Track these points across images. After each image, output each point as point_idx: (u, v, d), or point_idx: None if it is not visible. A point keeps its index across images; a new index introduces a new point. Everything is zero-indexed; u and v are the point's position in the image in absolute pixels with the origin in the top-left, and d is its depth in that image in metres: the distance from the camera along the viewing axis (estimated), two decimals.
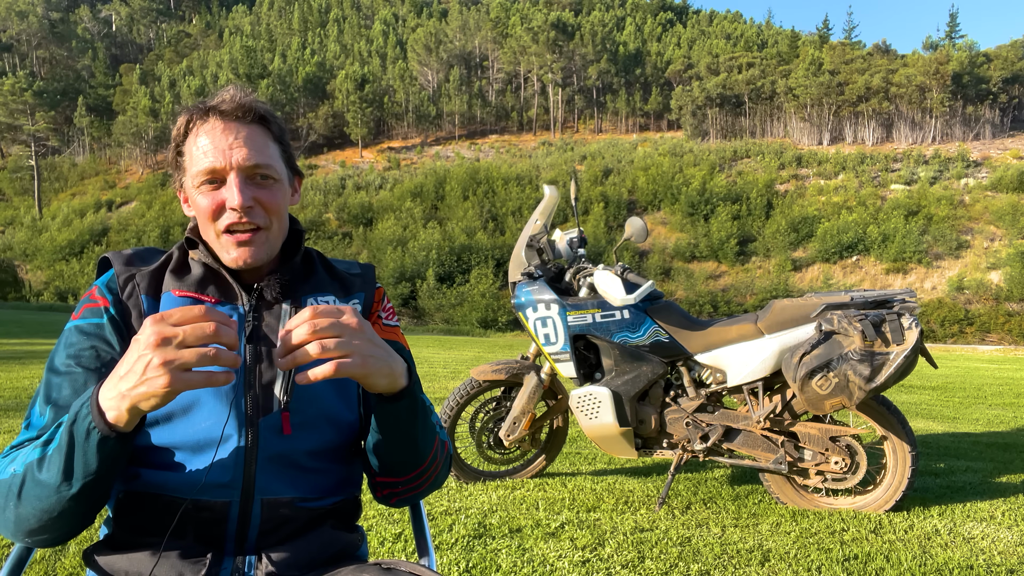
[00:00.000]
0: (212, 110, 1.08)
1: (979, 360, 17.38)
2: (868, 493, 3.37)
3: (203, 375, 0.81)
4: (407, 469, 1.11)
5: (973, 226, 40.10)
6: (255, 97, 1.11)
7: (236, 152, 1.06)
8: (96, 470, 0.87)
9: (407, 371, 1.01)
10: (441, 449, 1.15)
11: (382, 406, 1.01)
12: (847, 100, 54.32)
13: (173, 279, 1.10)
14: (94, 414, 0.85)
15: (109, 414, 0.84)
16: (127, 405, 0.82)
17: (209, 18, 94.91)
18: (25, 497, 0.91)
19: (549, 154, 56.41)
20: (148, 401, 0.81)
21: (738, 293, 37.38)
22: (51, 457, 0.88)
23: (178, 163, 1.12)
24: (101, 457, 0.86)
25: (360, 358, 0.89)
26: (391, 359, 0.96)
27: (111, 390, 0.84)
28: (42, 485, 0.89)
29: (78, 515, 0.93)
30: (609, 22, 77.59)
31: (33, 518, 0.92)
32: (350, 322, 0.89)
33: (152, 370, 0.79)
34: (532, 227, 3.64)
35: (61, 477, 0.87)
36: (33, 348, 10.85)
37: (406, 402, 1.00)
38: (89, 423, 0.85)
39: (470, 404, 3.78)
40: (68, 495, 0.89)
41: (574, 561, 2.62)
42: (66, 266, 41.74)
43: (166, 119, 62.42)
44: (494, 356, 13.23)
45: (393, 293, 34.25)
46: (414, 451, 1.08)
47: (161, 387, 0.79)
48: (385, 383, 0.95)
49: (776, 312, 3.29)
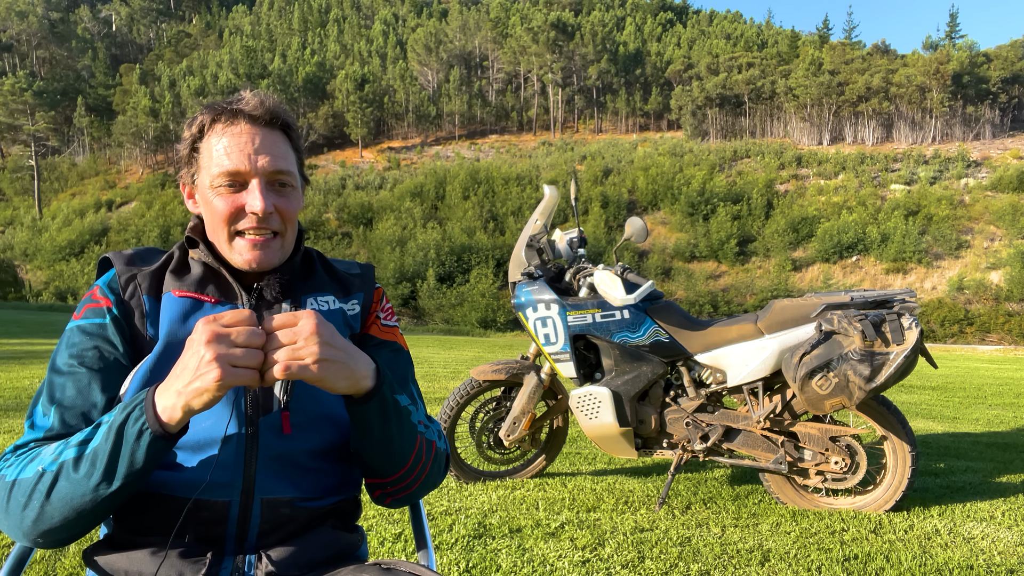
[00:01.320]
0: (240, 112, 1.07)
1: (979, 360, 17.38)
2: (868, 493, 3.37)
3: (251, 373, 0.86)
4: (389, 471, 1.11)
5: (973, 226, 40.11)
6: (280, 103, 1.11)
7: (261, 158, 1.06)
8: (140, 470, 0.90)
9: (375, 372, 1.00)
10: (427, 450, 1.13)
11: (350, 408, 1.01)
12: (847, 100, 54.32)
13: (173, 279, 1.10)
14: (149, 415, 0.88)
15: (164, 414, 0.88)
16: (182, 403, 0.86)
17: (209, 18, 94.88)
18: (56, 495, 0.91)
19: (549, 154, 56.41)
20: (201, 397, 0.85)
21: (738, 293, 37.38)
22: (90, 456, 0.90)
23: (191, 159, 1.11)
24: (148, 457, 0.89)
25: (312, 363, 0.89)
26: (352, 361, 0.95)
27: (167, 390, 0.88)
28: (77, 484, 0.90)
29: (102, 514, 0.94)
30: (609, 22, 77.57)
31: (58, 515, 0.92)
32: (304, 328, 0.90)
33: (205, 365, 0.84)
34: (532, 227, 3.64)
35: (101, 476, 0.89)
36: (33, 348, 10.85)
37: (374, 404, 1.00)
38: (143, 424, 0.88)
39: (470, 404, 3.78)
40: (105, 494, 0.90)
41: (574, 561, 2.62)
42: (66, 266, 41.73)
43: (166, 119, 62.42)
44: (494, 356, 13.23)
45: (393, 293, 34.25)
46: (391, 453, 1.08)
47: (213, 380, 0.84)
48: (345, 385, 0.95)
49: (776, 312, 3.29)
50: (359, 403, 0.99)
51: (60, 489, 0.91)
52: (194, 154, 1.10)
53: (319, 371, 0.90)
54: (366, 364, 0.99)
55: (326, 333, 0.92)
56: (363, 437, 1.05)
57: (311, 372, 0.89)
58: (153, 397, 0.89)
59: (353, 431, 1.06)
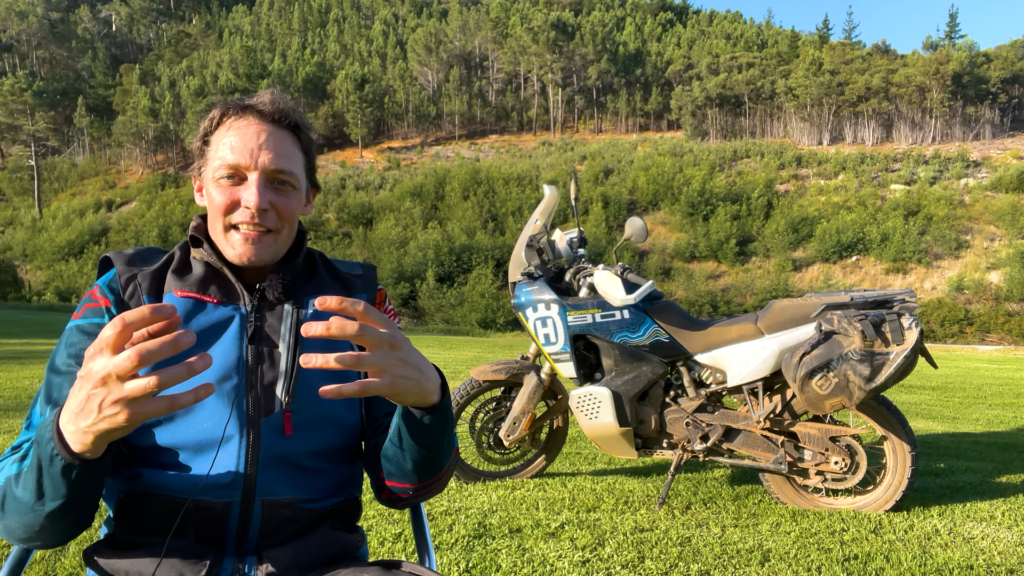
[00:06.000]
0: (250, 108, 1.08)
1: (979, 360, 17.38)
2: (868, 493, 3.37)
3: (165, 400, 0.74)
4: (424, 477, 1.09)
5: (973, 226, 40.12)
6: (293, 105, 1.12)
7: (263, 154, 1.06)
8: (66, 494, 0.84)
9: (440, 387, 0.98)
10: (456, 456, 1.15)
11: (409, 418, 0.99)
12: (847, 100, 54.33)
13: (175, 279, 1.10)
14: (55, 442, 0.80)
15: (73, 445, 0.80)
16: (90, 439, 0.78)
17: (209, 18, 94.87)
18: (7, 510, 0.90)
19: (549, 154, 56.42)
20: (115, 433, 0.77)
21: (738, 293, 37.38)
22: (25, 474, 0.86)
23: (202, 152, 1.11)
24: (68, 482, 0.83)
25: (389, 378, 0.85)
26: (423, 378, 0.92)
27: (69, 423, 0.78)
28: (19, 501, 0.88)
29: (62, 529, 0.91)
30: (609, 22, 77.59)
31: (19, 529, 0.91)
32: (392, 337, 0.85)
33: (108, 407, 0.74)
34: (532, 227, 3.64)
35: (35, 496, 0.85)
36: (33, 348, 10.84)
37: (436, 417, 0.99)
38: (52, 449, 0.81)
39: (470, 404, 3.78)
40: (44, 512, 0.87)
41: (574, 561, 2.62)
42: (66, 266, 41.72)
43: (166, 119, 62.44)
44: (494, 356, 13.23)
45: (393, 293, 34.24)
46: (435, 462, 1.07)
47: (122, 422, 0.74)
48: (412, 400, 0.93)
49: (776, 312, 3.29)
50: (420, 416, 0.97)
51: (9, 505, 0.90)
52: (204, 148, 1.11)
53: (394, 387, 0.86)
54: (433, 379, 0.95)
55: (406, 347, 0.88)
56: (411, 447, 1.03)
57: (385, 388, 0.86)
58: (57, 424, 0.80)
59: (400, 439, 1.03)
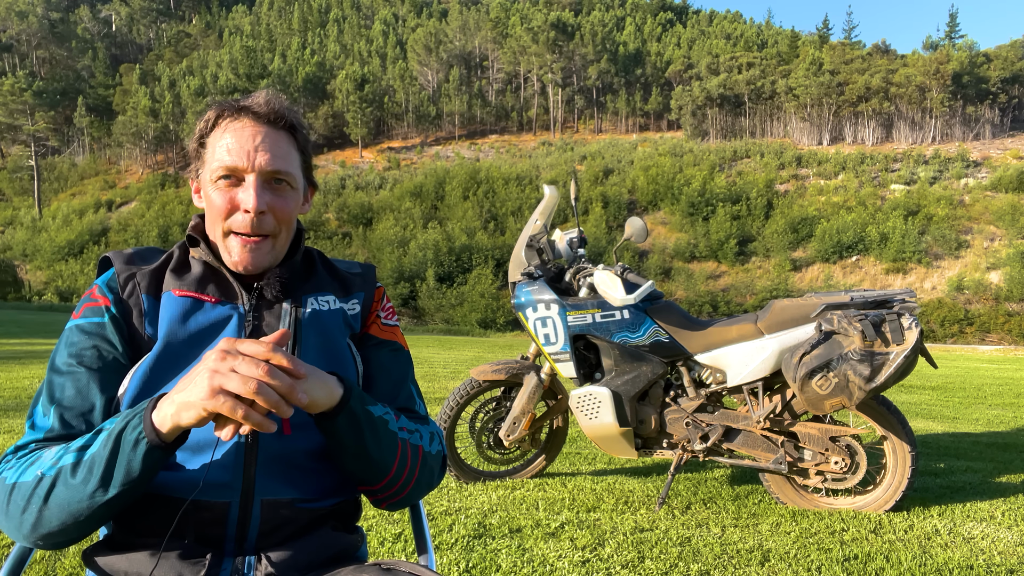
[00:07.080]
0: (245, 109, 1.08)
1: (979, 360, 17.38)
2: (868, 493, 3.36)
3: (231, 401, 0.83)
4: (374, 479, 1.09)
5: (973, 226, 40.12)
6: (289, 105, 1.12)
7: (260, 155, 1.06)
8: (136, 478, 0.90)
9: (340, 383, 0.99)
10: (413, 456, 1.11)
11: (320, 424, 1.00)
12: (847, 100, 54.33)
13: (173, 278, 1.10)
14: (147, 424, 0.88)
15: (159, 424, 0.88)
16: (172, 412, 0.87)
17: (209, 18, 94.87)
18: (53, 500, 0.91)
19: (549, 154, 56.42)
20: (188, 412, 0.85)
21: (738, 293, 37.38)
22: (88, 462, 0.90)
23: (199, 154, 1.11)
24: (145, 466, 0.89)
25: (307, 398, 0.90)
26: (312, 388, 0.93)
27: (167, 399, 0.88)
28: (74, 489, 0.90)
29: (100, 520, 0.94)
30: (609, 22, 77.60)
31: (56, 520, 0.92)
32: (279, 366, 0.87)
33: (200, 380, 0.85)
34: (532, 227, 3.64)
35: (98, 483, 0.90)
36: (33, 348, 10.84)
37: (342, 419, 0.99)
38: (140, 432, 0.88)
39: (470, 404, 3.78)
40: (101, 501, 0.90)
41: (574, 561, 2.62)
42: (66, 266, 41.73)
43: (166, 119, 62.43)
44: (494, 356, 13.23)
45: (393, 293, 34.24)
46: (369, 464, 1.06)
47: (197, 396, 0.84)
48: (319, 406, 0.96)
49: (776, 312, 3.29)
50: (326, 419, 0.99)
51: (58, 494, 0.91)
52: (201, 149, 1.11)
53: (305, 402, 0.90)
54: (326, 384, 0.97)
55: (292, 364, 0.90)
56: (337, 450, 1.04)
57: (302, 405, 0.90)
58: (153, 406, 0.90)
59: (328, 445, 1.05)
